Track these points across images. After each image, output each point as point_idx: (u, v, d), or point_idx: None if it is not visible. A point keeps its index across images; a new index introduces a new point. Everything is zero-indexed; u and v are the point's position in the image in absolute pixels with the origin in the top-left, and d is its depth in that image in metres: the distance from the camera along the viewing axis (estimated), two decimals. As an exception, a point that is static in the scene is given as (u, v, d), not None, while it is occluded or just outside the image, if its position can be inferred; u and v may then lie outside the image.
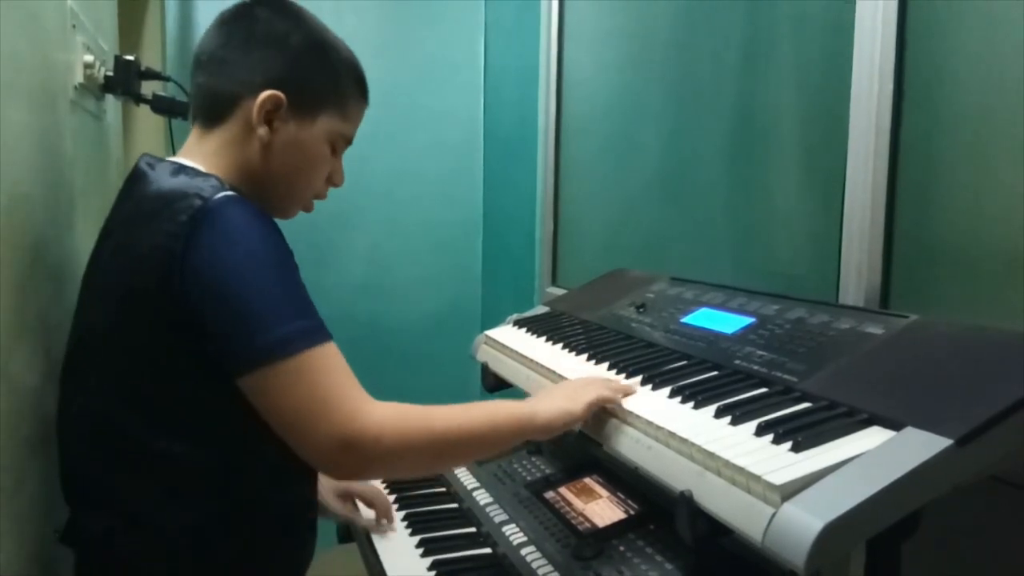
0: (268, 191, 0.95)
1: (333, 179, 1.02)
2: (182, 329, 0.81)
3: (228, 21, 0.95)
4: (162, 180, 0.87)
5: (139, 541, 0.85)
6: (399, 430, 0.81)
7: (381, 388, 0.87)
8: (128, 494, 0.85)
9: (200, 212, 0.80)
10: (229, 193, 0.83)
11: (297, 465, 0.83)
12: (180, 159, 0.93)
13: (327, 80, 0.95)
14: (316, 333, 0.81)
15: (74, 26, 1.18)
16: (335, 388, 0.80)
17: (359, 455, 0.80)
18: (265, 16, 0.94)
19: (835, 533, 0.59)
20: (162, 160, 0.92)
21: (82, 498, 0.90)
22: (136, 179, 0.91)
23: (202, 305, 0.80)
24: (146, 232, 0.82)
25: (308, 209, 1.03)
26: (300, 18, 0.96)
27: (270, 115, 0.92)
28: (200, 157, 0.93)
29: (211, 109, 0.94)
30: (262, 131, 0.91)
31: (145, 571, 0.86)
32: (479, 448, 0.92)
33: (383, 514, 1.22)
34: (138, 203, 0.87)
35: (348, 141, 1.01)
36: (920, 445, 0.64)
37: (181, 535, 0.85)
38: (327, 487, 1.22)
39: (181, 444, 0.84)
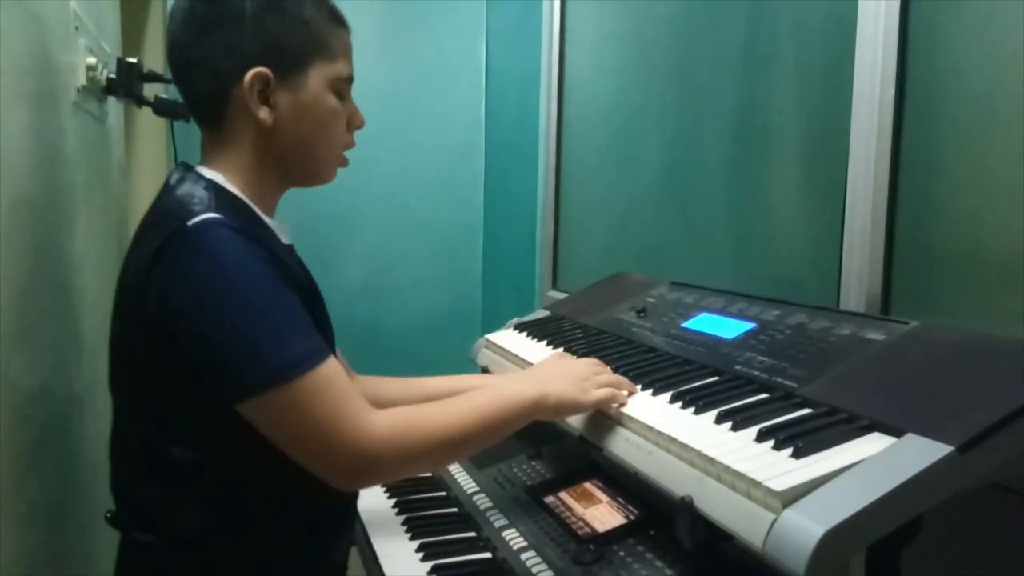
0: (298, 164, 0.94)
1: (353, 122, 0.97)
2: (169, 352, 0.79)
3: (179, 19, 0.89)
4: (172, 192, 0.86)
5: (152, 540, 0.86)
6: (399, 445, 0.82)
7: (380, 392, 0.89)
8: (141, 493, 0.87)
9: (172, 236, 0.78)
10: (208, 216, 0.80)
11: (308, 480, 0.82)
12: (202, 168, 0.90)
13: (298, 31, 0.89)
14: (307, 358, 0.79)
15: (77, 28, 1.18)
16: (332, 412, 0.79)
17: (364, 475, 0.83)
18: None
19: (835, 540, 0.59)
20: (190, 168, 0.90)
21: (113, 492, 0.92)
22: (162, 190, 0.90)
23: (181, 335, 0.78)
24: (138, 250, 0.83)
25: (343, 163, 0.98)
26: None
27: (263, 94, 0.88)
28: (219, 162, 0.91)
29: (207, 111, 0.91)
30: (263, 113, 0.88)
31: (158, 568, 0.87)
32: (487, 438, 0.91)
33: None
34: (146, 216, 0.87)
35: (349, 79, 0.95)
36: (921, 452, 0.64)
37: (192, 538, 0.85)
38: None
39: (186, 451, 0.84)
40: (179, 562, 0.86)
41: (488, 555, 1.08)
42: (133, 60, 1.39)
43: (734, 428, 0.78)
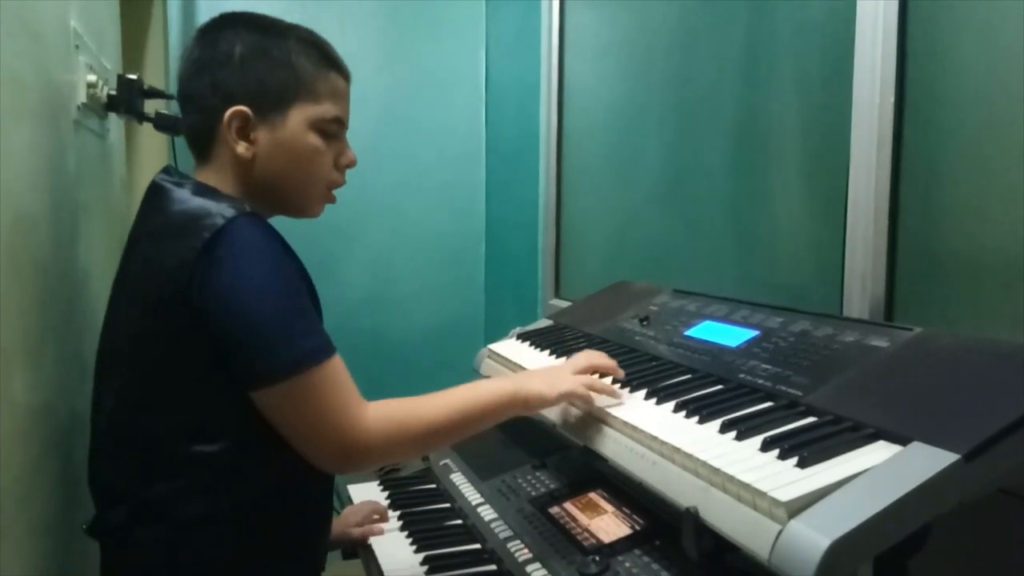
0: (279, 197, 0.99)
1: (340, 162, 1.01)
2: (200, 340, 0.85)
3: (183, 57, 0.98)
4: (188, 198, 0.90)
5: (155, 531, 0.88)
6: (387, 434, 0.91)
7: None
8: (146, 488, 0.89)
9: (220, 231, 0.84)
10: (248, 214, 0.87)
11: (306, 466, 0.90)
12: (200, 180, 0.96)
13: (281, 74, 0.95)
14: (323, 350, 0.87)
15: (77, 46, 1.18)
16: (336, 402, 0.88)
17: (354, 460, 0.91)
18: (208, 40, 0.96)
19: (842, 550, 0.58)
20: (187, 177, 0.96)
21: (105, 492, 0.94)
22: (160, 193, 0.93)
23: (218, 321, 0.84)
24: (173, 247, 0.86)
25: (330, 200, 1.04)
26: (238, 24, 0.96)
27: (242, 131, 0.94)
28: (212, 183, 0.95)
29: (197, 144, 0.98)
30: (241, 148, 0.94)
31: (158, 560, 0.89)
32: (467, 430, 0.98)
33: (383, 517, 1.30)
34: (168, 218, 0.90)
35: (338, 120, 0.99)
36: (927, 460, 0.64)
37: (194, 527, 0.88)
38: (345, 523, 1.27)
39: (196, 444, 0.88)
40: (182, 553, 0.88)
41: (493, 567, 1.07)
42: (133, 76, 1.40)
43: (739, 437, 0.77)
